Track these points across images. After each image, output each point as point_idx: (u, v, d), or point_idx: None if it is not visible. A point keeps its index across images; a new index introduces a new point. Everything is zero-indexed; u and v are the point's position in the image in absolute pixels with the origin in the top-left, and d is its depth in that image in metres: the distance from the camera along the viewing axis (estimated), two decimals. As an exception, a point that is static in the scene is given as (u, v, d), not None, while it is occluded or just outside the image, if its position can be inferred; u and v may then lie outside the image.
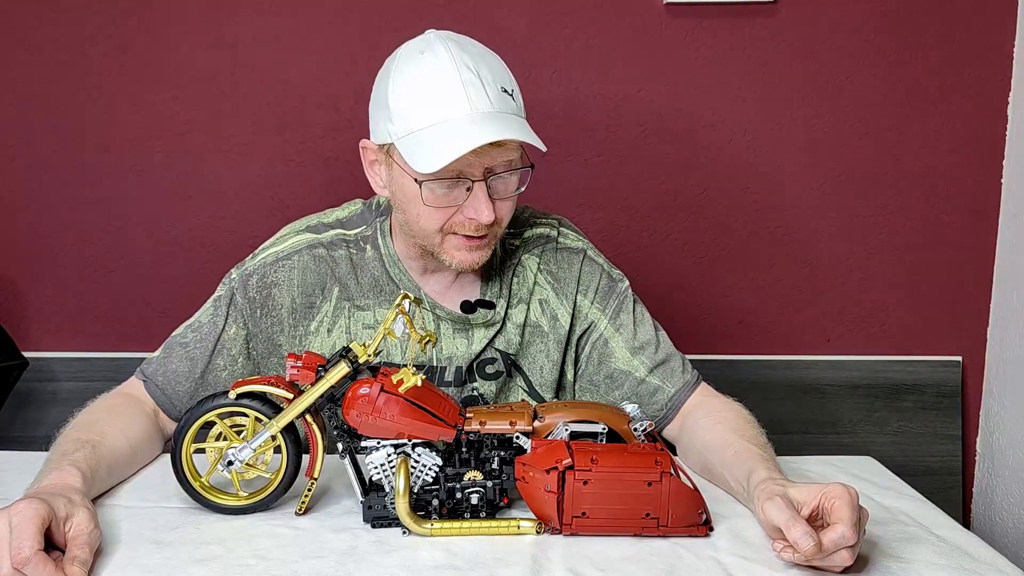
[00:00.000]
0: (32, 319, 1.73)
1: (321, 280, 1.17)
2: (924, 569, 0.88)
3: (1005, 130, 1.73)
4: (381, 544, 0.91)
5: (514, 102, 1.08)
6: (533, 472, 0.92)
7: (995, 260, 1.77)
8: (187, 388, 1.15)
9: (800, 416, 1.77)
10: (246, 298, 1.16)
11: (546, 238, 1.24)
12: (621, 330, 1.22)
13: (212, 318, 1.17)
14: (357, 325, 1.18)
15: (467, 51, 1.07)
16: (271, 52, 1.67)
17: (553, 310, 1.22)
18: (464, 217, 1.08)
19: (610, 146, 1.71)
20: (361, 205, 1.24)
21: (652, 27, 1.67)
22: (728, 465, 1.03)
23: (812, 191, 1.74)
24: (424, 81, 1.05)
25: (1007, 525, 1.73)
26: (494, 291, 1.20)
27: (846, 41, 1.69)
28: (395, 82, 1.07)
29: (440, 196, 1.07)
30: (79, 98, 1.67)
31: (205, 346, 1.16)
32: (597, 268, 1.25)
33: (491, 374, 1.20)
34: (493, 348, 1.20)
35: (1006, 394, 1.74)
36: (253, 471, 0.97)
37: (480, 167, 1.05)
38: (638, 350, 1.21)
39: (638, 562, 0.88)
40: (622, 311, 1.23)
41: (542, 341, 1.22)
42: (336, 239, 1.19)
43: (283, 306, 1.17)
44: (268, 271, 1.17)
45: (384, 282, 1.18)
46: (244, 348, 1.17)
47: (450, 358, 1.18)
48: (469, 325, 1.19)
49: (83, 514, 0.85)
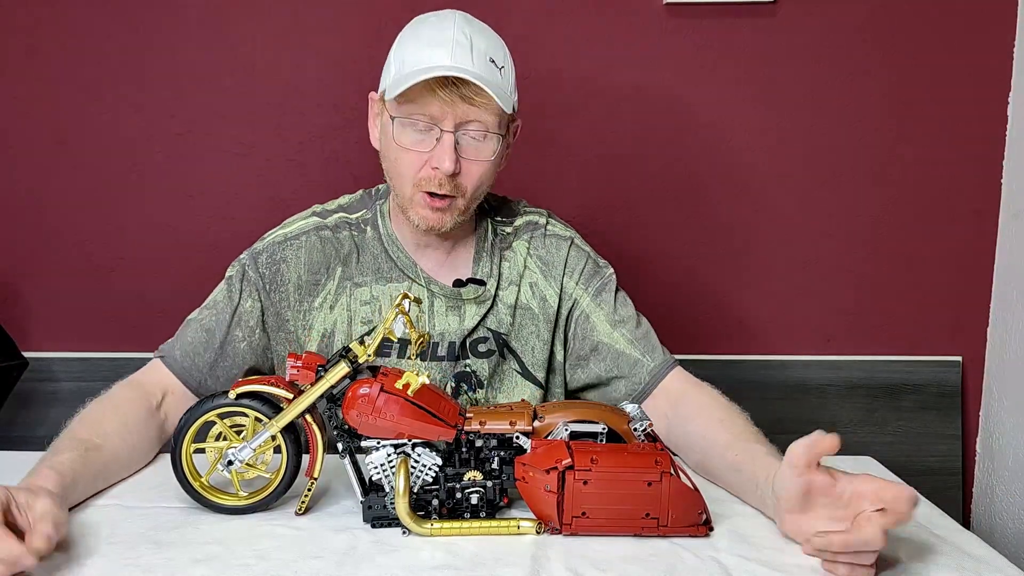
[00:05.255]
0: (32, 319, 1.73)
1: (326, 259, 1.22)
2: (924, 569, 0.88)
3: (1005, 130, 1.73)
4: (381, 544, 0.91)
5: (499, 75, 1.13)
6: (533, 472, 0.92)
7: (995, 260, 1.77)
8: (206, 359, 1.18)
9: (800, 416, 1.77)
10: (257, 273, 1.21)
11: (535, 225, 1.30)
12: (602, 305, 1.27)
13: (227, 295, 1.21)
14: (356, 302, 1.22)
15: (472, 24, 1.15)
16: (271, 52, 1.67)
17: (542, 292, 1.27)
18: (430, 169, 1.13)
19: (610, 146, 1.71)
20: (362, 192, 1.31)
21: (652, 27, 1.67)
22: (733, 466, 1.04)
23: (812, 191, 1.74)
24: (422, 34, 1.15)
25: (1007, 525, 1.73)
26: (484, 271, 1.25)
27: (846, 41, 1.69)
28: (402, 36, 1.18)
29: (411, 139, 1.13)
30: (79, 98, 1.67)
31: (222, 319, 1.20)
32: (584, 254, 1.30)
33: (483, 352, 1.24)
34: (485, 327, 1.24)
35: (1006, 394, 1.74)
36: (253, 471, 0.97)
37: (452, 119, 1.11)
38: (618, 323, 1.26)
39: (638, 562, 0.88)
40: (604, 290, 1.28)
41: (533, 323, 1.26)
42: (340, 222, 1.25)
43: (290, 282, 1.21)
44: (276, 249, 1.22)
45: (382, 260, 1.23)
46: (260, 320, 1.21)
47: (443, 334, 1.22)
48: (461, 301, 1.23)
49: (45, 500, 0.85)
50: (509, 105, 1.12)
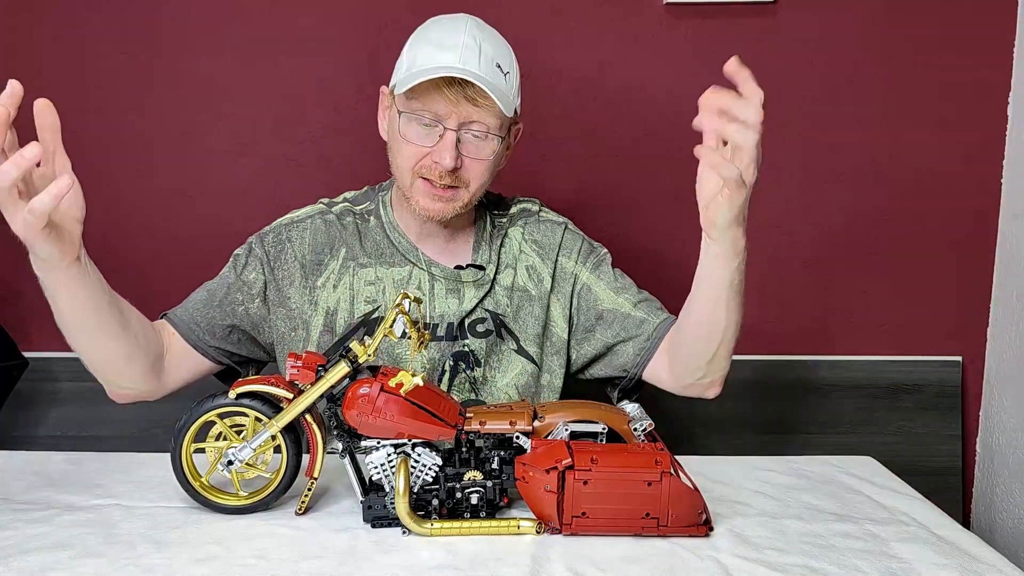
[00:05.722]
0: (32, 319, 1.73)
1: (330, 241, 1.28)
2: (924, 569, 0.88)
3: (1005, 130, 1.73)
4: (381, 544, 0.91)
5: (504, 80, 1.18)
6: (533, 472, 0.92)
7: (995, 260, 1.77)
8: (205, 315, 1.23)
9: (800, 416, 1.77)
10: (263, 249, 1.27)
11: (528, 211, 1.36)
12: (602, 276, 1.32)
13: (232, 266, 1.28)
14: (360, 282, 1.26)
15: (483, 30, 1.20)
16: (271, 52, 1.67)
17: (539, 273, 1.31)
18: (431, 161, 1.17)
19: (610, 146, 1.71)
20: (367, 188, 1.36)
21: (652, 27, 1.67)
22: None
23: (812, 191, 1.74)
24: (434, 35, 1.19)
25: (1007, 525, 1.73)
26: (484, 258, 1.30)
27: (845, 41, 1.69)
28: (416, 35, 1.22)
29: (415, 133, 1.17)
30: (79, 99, 1.67)
31: (224, 282, 1.26)
32: (579, 236, 1.35)
33: (481, 332, 1.27)
34: (483, 308, 1.28)
35: (1006, 394, 1.74)
36: (253, 471, 0.97)
37: (456, 118, 1.16)
38: (620, 290, 1.31)
39: (638, 562, 0.88)
40: (602, 264, 1.33)
41: (529, 304, 1.30)
42: (344, 211, 1.31)
43: (295, 259, 1.26)
44: (283, 230, 1.28)
45: (385, 246, 1.28)
46: (262, 291, 1.26)
47: (442, 315, 1.26)
48: (460, 283, 1.27)
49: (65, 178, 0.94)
50: (511, 109, 1.17)
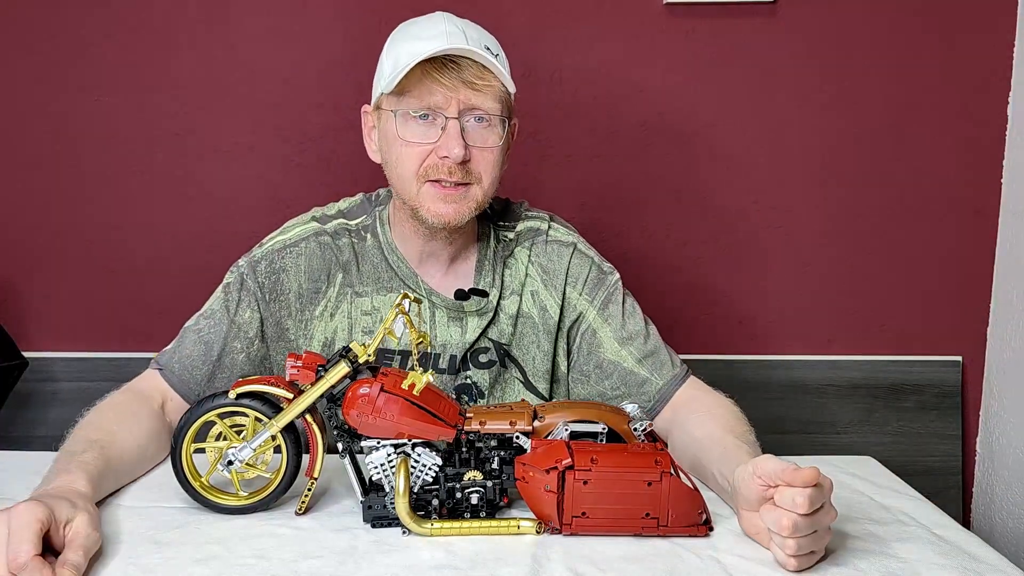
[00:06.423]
0: (32, 319, 1.73)
1: (326, 266, 1.20)
2: (924, 569, 0.88)
3: (1005, 130, 1.73)
4: (381, 544, 0.91)
5: (496, 60, 1.11)
6: (533, 472, 0.92)
7: (995, 260, 1.77)
8: (204, 372, 1.17)
9: (800, 416, 1.77)
10: (256, 283, 1.19)
11: (536, 231, 1.27)
12: (609, 320, 1.23)
13: (224, 304, 1.20)
14: (357, 311, 1.20)
15: (462, 19, 1.14)
16: (271, 52, 1.67)
17: (543, 301, 1.24)
18: (437, 157, 1.10)
19: (610, 146, 1.71)
20: (362, 196, 1.28)
21: (652, 27, 1.67)
22: (716, 462, 1.02)
23: (812, 190, 1.74)
24: (412, 32, 1.14)
25: (1007, 525, 1.73)
26: (487, 281, 1.22)
27: (845, 41, 1.69)
28: (392, 39, 1.16)
29: (415, 132, 1.11)
30: (79, 98, 1.67)
31: (219, 330, 1.18)
32: (587, 260, 1.26)
33: (484, 363, 1.22)
34: (486, 338, 1.22)
35: (1006, 394, 1.74)
36: (253, 471, 0.97)
37: (455, 104, 1.09)
38: (626, 340, 1.22)
39: (638, 562, 0.88)
40: (611, 302, 1.24)
41: (533, 332, 1.24)
42: (339, 228, 1.23)
43: (291, 291, 1.20)
44: (276, 257, 1.20)
45: (383, 270, 1.21)
46: (259, 331, 1.20)
47: (444, 346, 1.21)
48: (463, 313, 1.21)
49: (83, 518, 0.84)
50: (511, 85, 1.11)
